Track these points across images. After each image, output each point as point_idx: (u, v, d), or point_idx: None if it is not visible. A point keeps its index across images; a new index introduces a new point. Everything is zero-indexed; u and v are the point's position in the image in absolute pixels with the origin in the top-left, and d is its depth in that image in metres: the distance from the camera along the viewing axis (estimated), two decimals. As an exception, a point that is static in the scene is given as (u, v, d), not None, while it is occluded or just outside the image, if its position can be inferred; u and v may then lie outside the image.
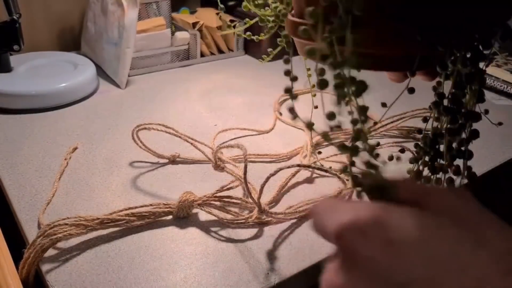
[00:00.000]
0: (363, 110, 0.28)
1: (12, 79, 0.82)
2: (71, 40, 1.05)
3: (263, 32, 0.51)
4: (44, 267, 0.47)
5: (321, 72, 0.30)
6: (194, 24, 1.02)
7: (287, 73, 0.41)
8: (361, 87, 0.27)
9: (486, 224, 0.24)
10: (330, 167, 0.63)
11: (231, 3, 1.11)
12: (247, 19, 0.56)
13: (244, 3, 0.51)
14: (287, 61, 0.43)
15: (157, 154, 0.66)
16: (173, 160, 0.66)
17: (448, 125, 0.35)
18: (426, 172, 0.39)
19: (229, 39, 1.07)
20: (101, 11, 0.93)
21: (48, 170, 0.62)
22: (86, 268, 0.47)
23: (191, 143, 0.61)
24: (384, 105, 0.40)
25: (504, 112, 0.85)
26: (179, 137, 0.61)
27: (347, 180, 0.62)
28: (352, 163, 0.31)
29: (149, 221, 0.53)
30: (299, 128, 0.77)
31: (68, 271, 0.46)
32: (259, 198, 0.52)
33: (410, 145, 0.69)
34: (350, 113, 0.29)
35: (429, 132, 0.38)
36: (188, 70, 1.01)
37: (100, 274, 0.46)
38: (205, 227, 0.54)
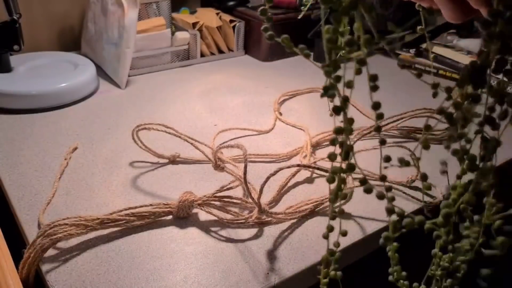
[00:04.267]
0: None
1: (12, 79, 0.82)
2: (71, 40, 1.05)
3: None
4: (44, 267, 0.47)
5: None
6: (194, 24, 1.02)
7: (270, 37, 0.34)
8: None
9: None
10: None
11: (231, 3, 1.12)
12: None
13: None
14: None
15: (157, 154, 0.66)
16: (173, 160, 0.66)
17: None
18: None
19: (229, 39, 1.07)
20: (101, 11, 0.93)
21: (48, 170, 0.62)
22: (86, 268, 0.47)
23: (191, 143, 0.61)
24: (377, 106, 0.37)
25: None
26: (179, 137, 0.61)
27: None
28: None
29: (149, 221, 0.53)
30: (299, 128, 0.77)
31: (68, 271, 0.46)
32: (259, 198, 0.52)
33: (410, 145, 0.69)
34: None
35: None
36: (188, 70, 1.01)
37: (100, 274, 0.46)
38: (205, 227, 0.54)
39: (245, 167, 0.51)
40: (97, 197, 0.58)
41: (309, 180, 0.64)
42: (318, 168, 0.62)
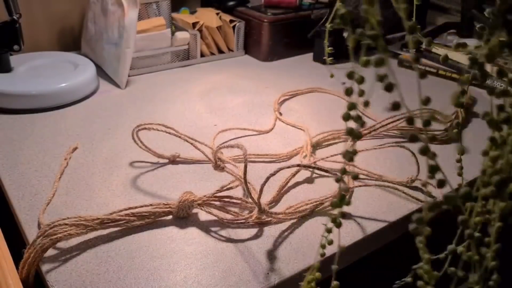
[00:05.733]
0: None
1: (12, 79, 0.82)
2: (71, 40, 1.05)
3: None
4: (44, 267, 0.47)
5: None
6: (194, 24, 1.02)
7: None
8: None
9: None
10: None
11: (231, 3, 1.11)
12: None
13: None
14: None
15: (157, 154, 0.66)
16: (173, 160, 0.66)
17: None
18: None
19: (229, 39, 1.07)
20: (101, 11, 0.93)
21: (48, 170, 0.62)
22: (86, 268, 0.47)
23: (191, 143, 0.61)
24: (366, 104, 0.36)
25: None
26: (179, 137, 0.61)
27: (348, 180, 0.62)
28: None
29: (149, 221, 0.53)
30: (299, 128, 0.77)
31: (68, 271, 0.46)
32: (259, 198, 0.52)
33: (410, 145, 0.69)
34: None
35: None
36: (188, 70, 1.01)
37: (100, 274, 0.46)
38: (205, 227, 0.54)
39: (245, 167, 0.51)
40: (97, 197, 0.58)
41: (309, 180, 0.64)
42: (318, 168, 0.62)
